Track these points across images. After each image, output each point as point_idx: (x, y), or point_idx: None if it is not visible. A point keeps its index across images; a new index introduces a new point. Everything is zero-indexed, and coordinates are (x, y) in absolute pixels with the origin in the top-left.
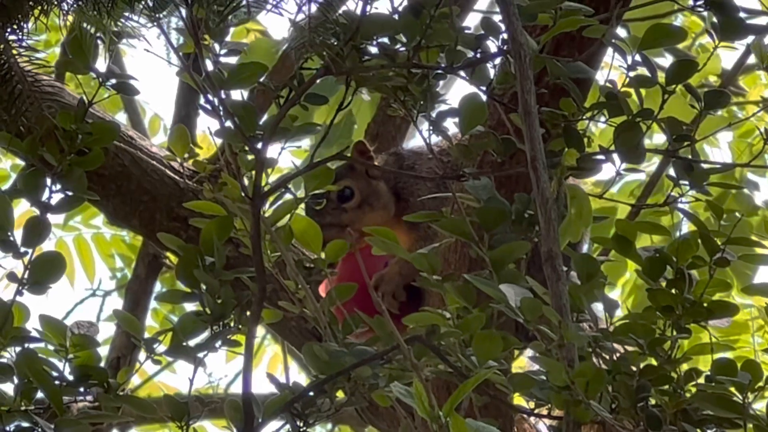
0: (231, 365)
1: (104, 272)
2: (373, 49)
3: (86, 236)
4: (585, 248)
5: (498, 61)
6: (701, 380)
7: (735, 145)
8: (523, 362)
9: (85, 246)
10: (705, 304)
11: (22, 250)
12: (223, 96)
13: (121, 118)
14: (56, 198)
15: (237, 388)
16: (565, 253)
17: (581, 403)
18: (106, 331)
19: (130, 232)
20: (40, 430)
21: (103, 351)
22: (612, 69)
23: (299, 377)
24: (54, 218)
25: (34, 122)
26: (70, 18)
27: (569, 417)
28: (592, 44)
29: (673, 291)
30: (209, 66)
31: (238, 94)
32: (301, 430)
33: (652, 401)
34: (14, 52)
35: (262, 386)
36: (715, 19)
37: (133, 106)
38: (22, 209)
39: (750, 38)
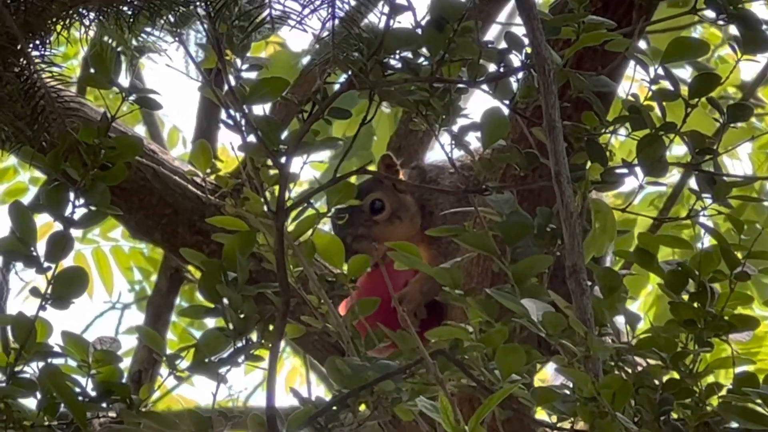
0: (250, 378)
1: (123, 285)
2: (396, 63)
3: (105, 249)
4: (608, 262)
5: (521, 75)
6: (723, 393)
7: (755, 157)
8: (545, 375)
9: (104, 259)
10: (726, 318)
11: (45, 264)
12: (246, 111)
13: (140, 130)
14: (79, 213)
15: (256, 401)
16: (588, 267)
17: (607, 415)
18: (126, 344)
19: (149, 245)
20: None
21: (123, 364)
22: (633, 82)
23: (318, 389)
24: (72, 231)
25: (56, 137)
26: (91, 32)
27: (595, 430)
28: (615, 57)
29: (695, 304)
30: (232, 81)
31: (259, 109)
32: None
33: (675, 415)
34: (37, 67)
35: (281, 399)
36: (736, 32)
37: (152, 119)
38: (42, 221)
39: None
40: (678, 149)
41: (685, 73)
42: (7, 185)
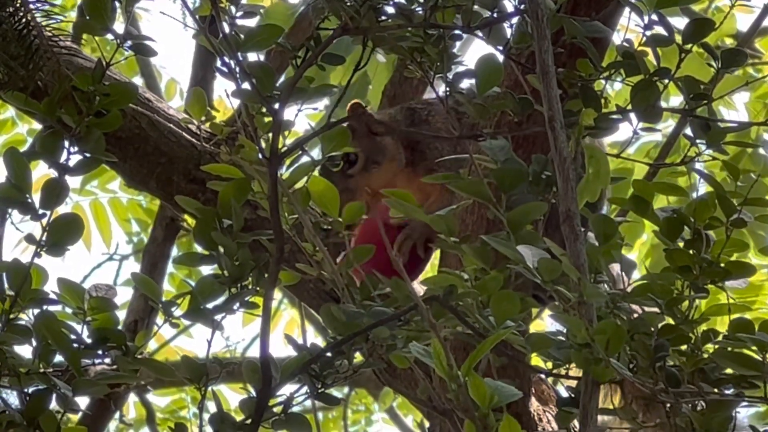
0: (248, 329)
1: (121, 237)
2: (390, 9)
3: (103, 201)
4: (604, 209)
5: (515, 20)
6: (718, 339)
7: (751, 106)
8: (543, 326)
9: (102, 210)
10: (722, 265)
11: (41, 212)
12: (240, 58)
13: (137, 81)
14: (74, 160)
15: (254, 352)
16: (583, 214)
17: (601, 361)
18: (123, 295)
19: (147, 197)
20: (58, 392)
21: (121, 315)
22: (628, 31)
23: (316, 341)
24: (70, 182)
25: (50, 80)
26: None
27: (588, 376)
28: (609, 4)
29: (691, 251)
30: (226, 28)
31: (254, 57)
32: (319, 391)
33: (670, 361)
34: (31, 7)
35: (279, 350)
36: None
37: (149, 70)
38: (40, 173)
39: None
40: (675, 100)
41: (682, 23)
42: (5, 137)
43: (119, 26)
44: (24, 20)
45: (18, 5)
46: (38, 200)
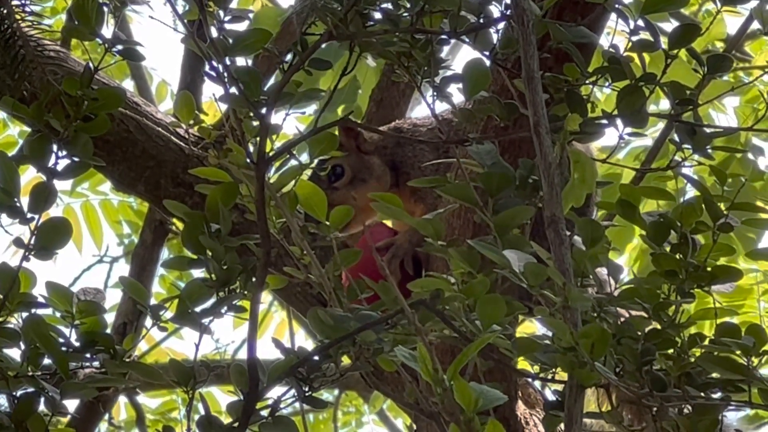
0: (238, 332)
1: (111, 238)
2: (377, 15)
3: (94, 202)
4: (594, 214)
5: (501, 26)
6: (705, 343)
7: (741, 111)
8: (534, 329)
9: (93, 212)
10: (708, 269)
11: (29, 216)
12: (228, 62)
13: (128, 84)
14: (62, 164)
15: (244, 355)
16: (569, 218)
17: (586, 364)
18: (114, 297)
19: (138, 198)
20: (46, 395)
21: (110, 317)
22: (615, 35)
23: (306, 344)
24: (61, 185)
25: (37, 87)
26: None
27: (573, 380)
28: (595, 9)
29: (678, 256)
30: (214, 33)
31: (242, 61)
32: (307, 394)
33: (657, 365)
34: (18, 17)
35: (268, 353)
36: None
37: (140, 73)
38: (29, 176)
39: (753, 3)
40: (664, 103)
41: (671, 27)
42: None
43: (110, 29)
44: (9, 30)
45: (3, 14)
46: (27, 204)
